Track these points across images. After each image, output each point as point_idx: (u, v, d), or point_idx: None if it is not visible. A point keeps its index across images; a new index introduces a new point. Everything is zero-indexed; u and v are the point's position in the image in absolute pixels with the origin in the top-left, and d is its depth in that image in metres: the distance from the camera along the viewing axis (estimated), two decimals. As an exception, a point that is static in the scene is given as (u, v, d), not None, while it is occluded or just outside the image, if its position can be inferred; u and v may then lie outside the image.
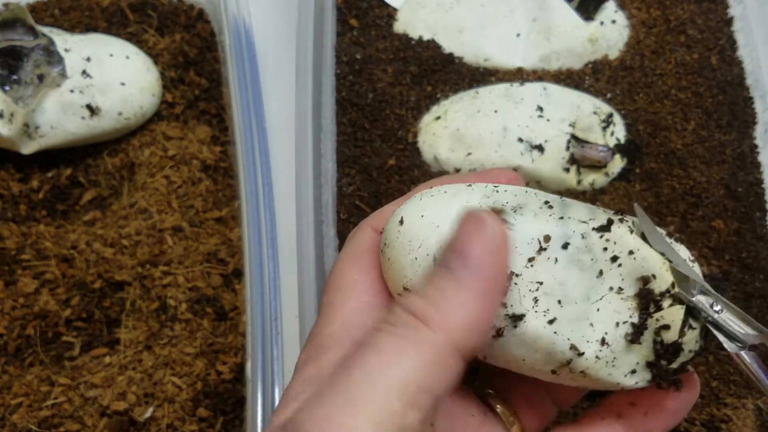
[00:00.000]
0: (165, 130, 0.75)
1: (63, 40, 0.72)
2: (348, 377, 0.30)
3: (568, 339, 0.35)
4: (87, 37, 0.74)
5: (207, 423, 0.63)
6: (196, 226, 0.71)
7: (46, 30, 0.72)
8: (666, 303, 0.36)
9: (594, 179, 0.71)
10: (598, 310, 0.35)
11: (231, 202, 0.73)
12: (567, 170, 0.70)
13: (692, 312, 0.36)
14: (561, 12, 0.77)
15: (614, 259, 0.35)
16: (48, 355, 0.65)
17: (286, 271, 0.67)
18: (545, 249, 0.35)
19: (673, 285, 0.36)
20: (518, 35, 0.77)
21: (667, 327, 0.35)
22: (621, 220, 0.37)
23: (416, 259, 0.36)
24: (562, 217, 0.36)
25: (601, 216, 0.37)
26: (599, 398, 0.40)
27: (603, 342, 0.35)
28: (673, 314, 0.35)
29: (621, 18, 0.78)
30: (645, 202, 0.70)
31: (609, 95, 0.75)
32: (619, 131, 0.72)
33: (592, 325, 0.35)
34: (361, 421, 0.29)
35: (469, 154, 0.70)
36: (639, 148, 0.72)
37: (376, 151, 0.71)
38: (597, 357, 0.35)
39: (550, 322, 0.35)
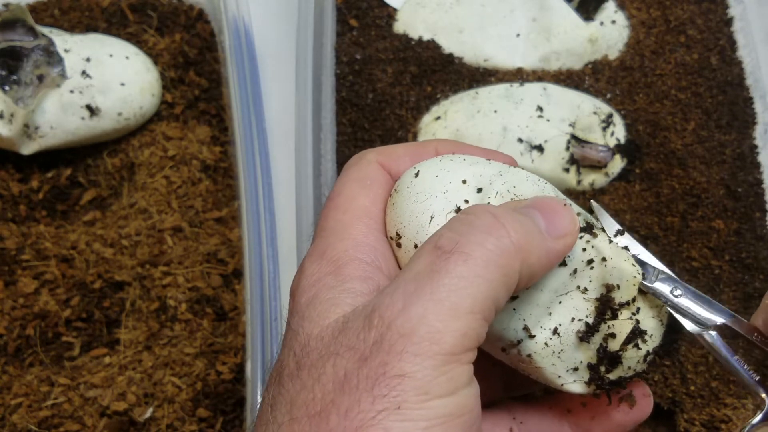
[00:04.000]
0: (165, 130, 0.75)
1: (63, 41, 0.72)
2: (438, 282, 0.31)
3: (524, 320, 0.37)
4: (87, 38, 0.74)
5: (207, 423, 0.63)
6: (196, 227, 0.71)
7: (46, 30, 0.72)
8: (622, 314, 0.38)
9: (594, 179, 0.71)
10: (560, 302, 0.37)
11: (231, 202, 0.73)
12: (567, 170, 0.70)
13: (642, 335, 0.38)
14: (561, 12, 0.77)
15: (590, 261, 0.37)
16: (48, 356, 0.65)
17: (286, 271, 0.67)
18: None
19: (633, 299, 0.38)
20: (518, 35, 0.77)
21: (613, 336, 0.38)
22: (603, 230, 0.39)
23: (416, 211, 0.38)
24: None
25: (590, 219, 0.39)
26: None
27: (555, 331, 0.37)
28: (622, 326, 0.38)
29: (621, 18, 0.78)
30: (645, 202, 0.70)
31: (609, 95, 0.75)
32: (619, 131, 0.72)
33: (550, 314, 0.37)
34: (452, 330, 0.31)
35: (469, 154, 0.70)
36: (639, 148, 0.72)
37: (376, 151, 0.71)
38: (546, 344, 0.37)
39: (513, 298, 0.36)
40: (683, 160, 0.71)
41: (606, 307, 0.37)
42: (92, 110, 0.71)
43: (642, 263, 0.39)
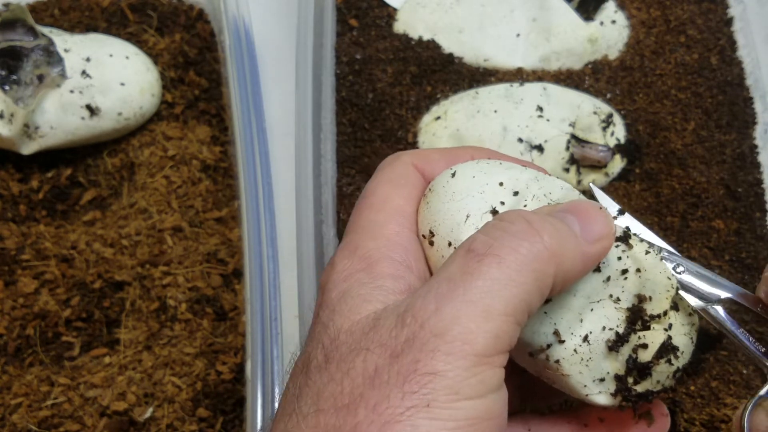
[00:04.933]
0: (165, 130, 0.75)
1: (63, 41, 0.72)
2: (472, 284, 0.31)
3: (555, 324, 0.36)
4: (87, 38, 0.74)
5: (207, 423, 0.63)
6: (196, 226, 0.71)
7: (46, 30, 0.72)
8: (653, 326, 0.38)
9: (594, 179, 0.71)
10: (592, 310, 0.37)
11: (231, 202, 0.73)
12: (567, 170, 0.70)
13: (675, 351, 0.38)
14: (561, 12, 0.77)
15: (624, 271, 0.37)
16: (48, 355, 0.65)
17: (286, 271, 0.67)
18: None
19: (665, 312, 0.38)
20: (518, 35, 0.77)
21: (645, 346, 0.37)
22: (642, 240, 0.39)
23: (451, 210, 0.38)
24: None
25: (629, 229, 0.39)
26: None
27: (585, 339, 0.37)
28: (654, 337, 0.37)
29: (621, 18, 0.78)
30: (645, 202, 0.70)
31: (609, 95, 0.75)
32: (619, 131, 0.72)
33: (581, 321, 0.37)
34: (484, 331, 0.31)
35: (469, 154, 0.70)
36: (639, 148, 0.72)
37: (376, 151, 0.71)
38: (575, 351, 0.36)
39: (546, 302, 0.36)
40: (683, 160, 0.71)
41: (637, 317, 0.37)
42: (92, 110, 0.71)
43: (649, 243, 0.39)
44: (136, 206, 0.71)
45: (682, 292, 0.39)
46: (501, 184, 0.39)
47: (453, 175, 0.39)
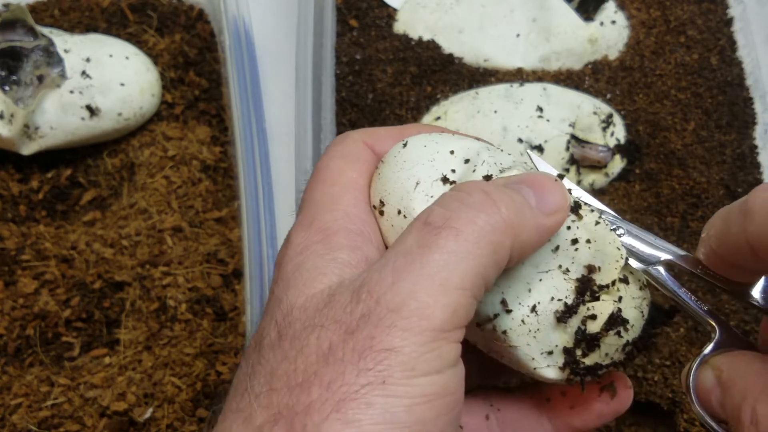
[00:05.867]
0: (165, 130, 0.75)
1: (63, 41, 0.72)
2: (429, 258, 0.31)
3: (503, 293, 0.36)
4: (87, 38, 0.74)
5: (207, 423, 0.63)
6: (196, 227, 0.71)
7: (45, 30, 0.72)
8: (603, 297, 0.37)
9: (594, 179, 0.71)
10: (540, 280, 0.37)
11: (231, 202, 0.73)
12: (567, 170, 0.70)
13: (624, 323, 0.37)
14: (561, 12, 0.77)
15: (574, 241, 0.37)
16: (48, 356, 0.65)
17: (285, 271, 0.66)
18: None
19: (614, 282, 0.37)
20: (518, 36, 0.77)
21: (593, 317, 0.37)
22: (593, 211, 0.38)
23: (401, 178, 0.38)
24: None
25: (581, 199, 0.38)
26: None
27: (533, 309, 0.36)
28: (603, 308, 0.37)
29: (621, 18, 0.78)
30: (645, 203, 0.70)
31: (609, 96, 0.75)
32: (618, 131, 0.72)
33: (530, 290, 0.36)
34: (441, 305, 0.30)
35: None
36: (639, 149, 0.72)
37: (376, 151, 0.71)
38: (522, 321, 0.36)
39: None
40: (683, 160, 0.71)
41: (586, 287, 0.37)
42: (92, 110, 0.71)
43: (587, 204, 0.39)
44: (136, 206, 0.71)
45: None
46: (452, 152, 0.38)
47: (405, 145, 0.39)
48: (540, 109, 0.71)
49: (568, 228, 0.37)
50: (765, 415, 0.32)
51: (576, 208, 0.37)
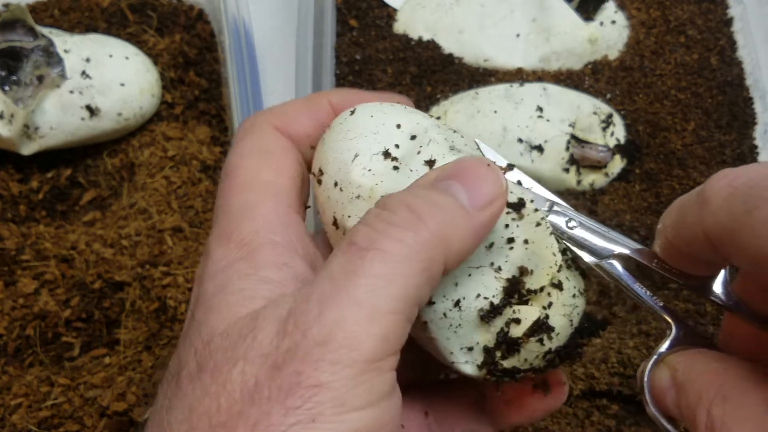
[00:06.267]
0: (165, 130, 0.75)
1: (63, 41, 0.72)
2: (355, 283, 0.29)
3: None
4: (87, 38, 0.74)
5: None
6: (195, 227, 0.71)
7: (45, 31, 0.72)
8: (532, 302, 0.36)
9: (594, 179, 0.71)
10: (469, 275, 0.35)
11: (231, 202, 0.72)
12: (567, 170, 0.70)
13: (549, 331, 0.36)
14: (561, 12, 0.77)
15: (510, 240, 0.35)
16: (48, 356, 0.65)
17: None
18: None
19: (542, 288, 0.36)
20: (518, 36, 0.77)
21: (518, 321, 0.35)
22: (536, 210, 0.36)
23: (342, 149, 0.36)
24: None
25: (526, 195, 0.36)
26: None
27: (457, 304, 0.35)
28: (529, 313, 0.35)
29: (621, 18, 0.78)
30: (645, 203, 0.70)
31: (609, 96, 0.75)
32: (618, 131, 0.72)
33: (456, 284, 0.35)
34: (371, 334, 0.28)
35: (469, 154, 0.70)
36: (639, 149, 0.72)
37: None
38: (444, 315, 0.35)
39: None
40: (683, 160, 0.71)
41: (515, 289, 0.35)
42: (92, 110, 0.71)
43: (540, 197, 0.37)
44: (136, 206, 0.71)
45: (576, 249, 0.37)
46: (398, 126, 0.36)
47: (352, 113, 0.37)
48: (540, 109, 0.71)
49: (507, 226, 0.35)
50: (720, 419, 0.30)
51: (519, 206, 0.35)
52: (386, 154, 0.36)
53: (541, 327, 0.36)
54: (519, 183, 0.38)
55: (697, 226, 0.32)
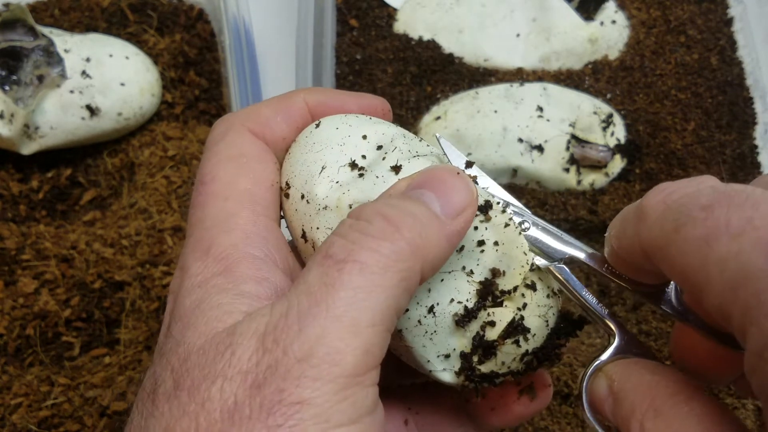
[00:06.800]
0: (165, 130, 0.75)
1: (63, 41, 0.72)
2: (334, 297, 0.28)
3: None
4: (87, 38, 0.74)
5: (207, 423, 0.63)
6: (196, 227, 0.71)
7: (46, 30, 0.72)
8: (506, 303, 0.35)
9: (594, 179, 0.71)
10: (441, 280, 0.35)
11: (231, 202, 0.72)
12: (567, 170, 0.70)
13: (525, 332, 0.35)
14: (561, 12, 0.77)
15: (481, 243, 0.35)
16: (48, 356, 0.65)
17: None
18: None
19: (516, 288, 0.35)
20: (518, 35, 0.77)
21: (492, 324, 0.35)
22: (504, 212, 0.36)
23: (308, 161, 0.36)
24: None
25: (491, 198, 0.36)
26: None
27: (431, 310, 0.34)
28: (503, 315, 0.35)
29: (621, 18, 0.78)
30: (645, 203, 0.70)
31: (609, 95, 0.75)
32: (619, 131, 0.72)
33: (429, 290, 0.34)
34: (353, 348, 0.28)
35: (469, 154, 0.70)
36: (639, 149, 0.72)
37: (376, 151, 0.71)
38: (419, 322, 0.34)
39: None
40: (683, 160, 0.71)
41: (488, 291, 0.35)
42: (92, 110, 0.71)
43: (495, 197, 0.37)
44: (136, 206, 0.71)
45: (531, 252, 0.37)
46: (364, 137, 0.36)
47: (317, 125, 0.37)
48: (540, 109, 0.71)
49: (476, 228, 0.35)
50: None
51: (486, 208, 0.35)
52: (353, 165, 0.35)
53: (516, 328, 0.35)
54: (475, 180, 0.37)
55: (635, 238, 0.32)
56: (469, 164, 0.38)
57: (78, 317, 0.67)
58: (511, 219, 0.36)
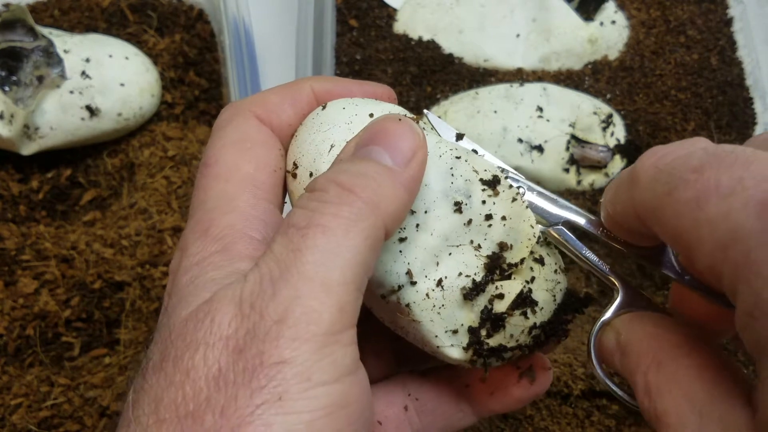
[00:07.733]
0: (165, 130, 0.75)
1: (62, 41, 0.72)
2: (302, 260, 0.29)
3: (408, 264, 0.34)
4: (86, 38, 0.74)
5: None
6: (195, 227, 0.71)
7: (45, 31, 0.72)
8: (514, 276, 0.36)
9: (594, 179, 0.71)
10: (450, 254, 0.35)
11: (231, 202, 0.72)
12: (567, 170, 0.70)
13: (533, 305, 0.36)
14: (561, 12, 0.77)
15: (488, 217, 0.36)
16: (48, 356, 0.65)
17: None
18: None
19: (522, 261, 0.36)
20: (518, 36, 0.77)
21: (501, 296, 0.35)
22: (511, 186, 0.36)
23: (316, 141, 0.37)
24: (459, 157, 0.36)
25: (499, 173, 0.37)
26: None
27: (439, 283, 0.35)
28: (511, 287, 0.36)
29: (621, 18, 0.78)
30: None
31: (609, 96, 0.75)
32: (618, 132, 0.72)
33: (437, 263, 0.35)
34: (327, 306, 0.29)
35: (469, 154, 0.70)
36: (639, 149, 0.72)
37: (375, 151, 0.71)
38: (427, 295, 0.35)
39: (401, 240, 0.34)
40: (683, 160, 0.71)
41: (495, 265, 0.35)
42: (92, 111, 0.71)
43: (491, 165, 0.38)
44: (136, 206, 0.71)
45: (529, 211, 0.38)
46: (371, 115, 0.37)
47: (324, 107, 0.38)
48: (540, 109, 0.71)
49: (483, 202, 0.35)
50: (656, 385, 0.31)
51: (494, 183, 0.36)
52: None
53: (524, 300, 0.36)
54: (475, 151, 0.38)
55: (629, 202, 0.32)
56: (459, 136, 0.39)
57: (78, 317, 0.67)
58: (518, 194, 0.36)
